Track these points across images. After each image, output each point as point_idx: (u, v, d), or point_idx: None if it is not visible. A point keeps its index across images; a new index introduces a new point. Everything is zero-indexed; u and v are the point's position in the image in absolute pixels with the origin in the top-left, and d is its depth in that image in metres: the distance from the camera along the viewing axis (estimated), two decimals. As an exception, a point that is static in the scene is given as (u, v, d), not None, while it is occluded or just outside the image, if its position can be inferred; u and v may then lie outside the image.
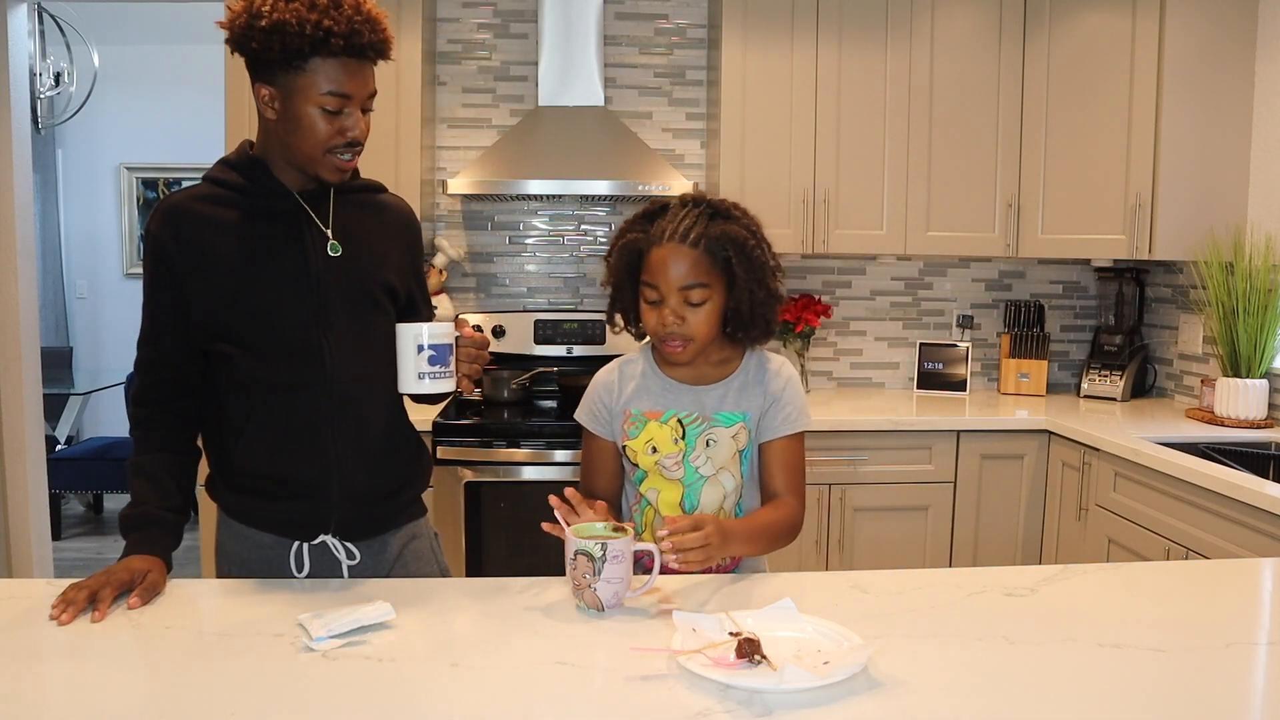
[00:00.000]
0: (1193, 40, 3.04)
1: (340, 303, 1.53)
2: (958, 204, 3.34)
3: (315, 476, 1.54)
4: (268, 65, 1.43)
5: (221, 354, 1.52)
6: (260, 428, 1.53)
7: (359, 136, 1.48)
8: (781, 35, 3.25)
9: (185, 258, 1.49)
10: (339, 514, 1.56)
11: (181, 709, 1.06)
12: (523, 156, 3.22)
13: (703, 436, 1.60)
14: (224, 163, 1.56)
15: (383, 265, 1.59)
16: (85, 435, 5.74)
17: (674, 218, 1.54)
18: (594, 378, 1.73)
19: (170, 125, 5.82)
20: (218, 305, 1.50)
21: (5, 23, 3.35)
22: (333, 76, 1.42)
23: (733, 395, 1.62)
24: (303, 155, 1.47)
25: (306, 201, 1.54)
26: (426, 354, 1.43)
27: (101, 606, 1.31)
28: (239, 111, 3.10)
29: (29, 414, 3.44)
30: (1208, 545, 2.32)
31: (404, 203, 1.70)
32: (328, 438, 1.53)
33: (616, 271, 1.60)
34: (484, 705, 1.08)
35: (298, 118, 1.44)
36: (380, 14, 1.45)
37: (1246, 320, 2.91)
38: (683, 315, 1.53)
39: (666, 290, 1.53)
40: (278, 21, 1.38)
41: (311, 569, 1.57)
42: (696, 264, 1.52)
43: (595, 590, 1.34)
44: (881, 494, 3.06)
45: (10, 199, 3.35)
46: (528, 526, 2.99)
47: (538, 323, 3.47)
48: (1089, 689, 1.13)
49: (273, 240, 1.51)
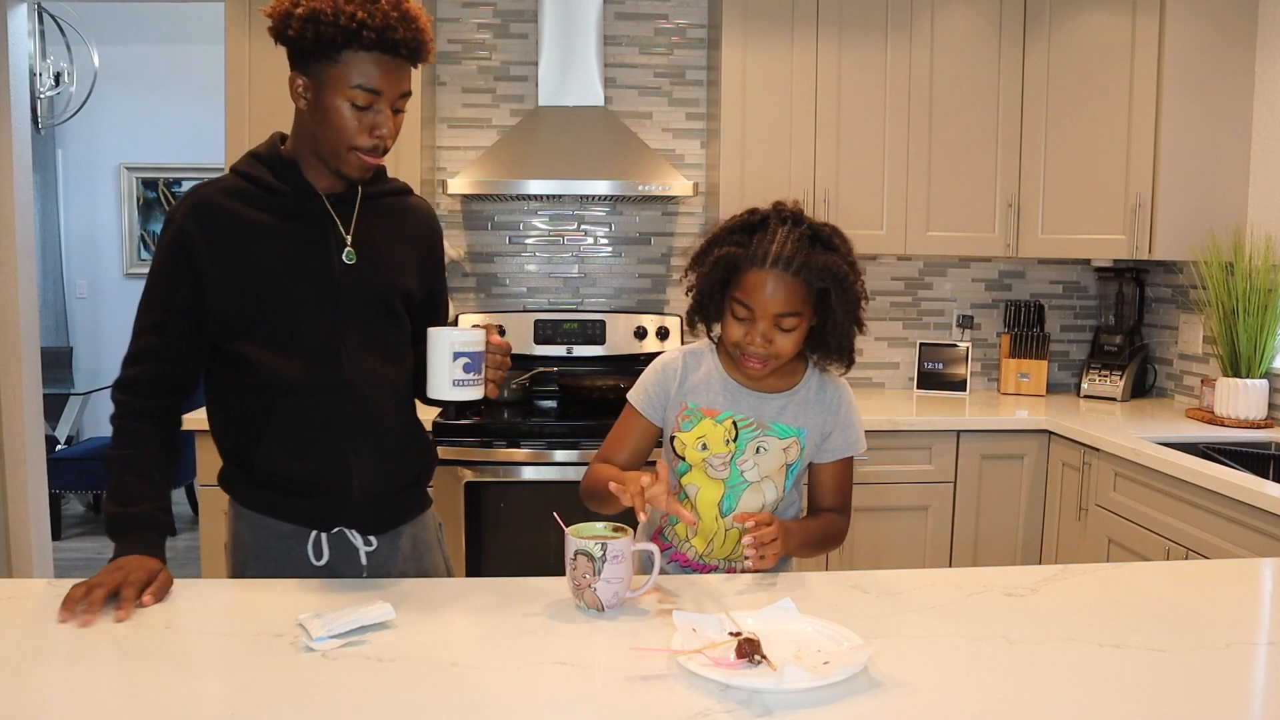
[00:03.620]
0: (1193, 40, 3.04)
1: (356, 309, 1.54)
2: (958, 204, 3.34)
3: (335, 476, 1.56)
4: (303, 54, 1.44)
5: (241, 354, 1.52)
6: (282, 429, 1.54)
7: (387, 135, 1.47)
8: (781, 35, 3.25)
9: (212, 253, 1.49)
10: (357, 511, 1.59)
11: (181, 709, 1.06)
12: (523, 156, 3.22)
13: (755, 443, 1.60)
14: (254, 156, 1.55)
15: (399, 272, 1.60)
16: (85, 435, 5.74)
17: (775, 238, 1.50)
18: (656, 360, 1.70)
19: (170, 125, 5.82)
20: (241, 305, 1.50)
21: (5, 23, 3.35)
22: (364, 70, 1.42)
23: (792, 409, 1.62)
24: (328, 148, 1.48)
25: (334, 204, 1.55)
26: (461, 362, 1.42)
27: (126, 605, 1.30)
28: (239, 111, 3.11)
29: (29, 414, 3.44)
30: (1208, 545, 2.32)
31: (427, 205, 1.72)
32: (346, 440, 1.55)
33: (707, 281, 1.56)
34: (484, 705, 1.08)
35: (327, 109, 1.45)
36: (419, 12, 1.45)
37: (1246, 320, 2.91)
38: (771, 339, 1.52)
39: (760, 314, 1.51)
40: (313, 10, 1.39)
41: (330, 557, 1.58)
42: (794, 293, 1.49)
43: (595, 590, 1.34)
44: (881, 494, 3.06)
45: (10, 199, 3.35)
46: (528, 526, 2.99)
47: (538, 323, 3.47)
48: (1089, 689, 1.13)
49: (299, 245, 1.52)
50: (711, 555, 1.63)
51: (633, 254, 3.64)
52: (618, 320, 3.50)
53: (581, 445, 2.97)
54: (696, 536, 1.63)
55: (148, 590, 1.35)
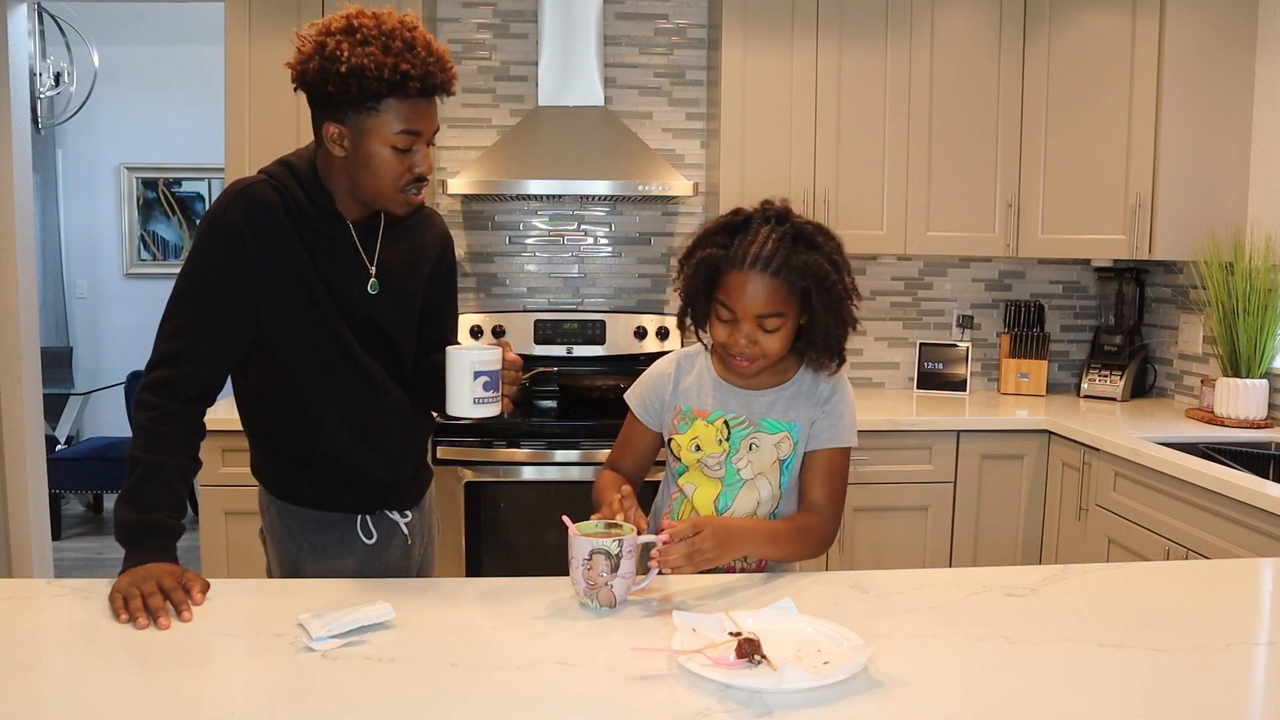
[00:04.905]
0: (1193, 40, 3.04)
1: (383, 328, 1.62)
2: (958, 204, 3.34)
3: (379, 470, 1.66)
4: (339, 105, 1.44)
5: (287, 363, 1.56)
6: (333, 429, 1.60)
7: (425, 172, 1.51)
8: (781, 35, 3.25)
9: (261, 254, 1.49)
10: (397, 492, 1.72)
11: (182, 709, 1.06)
12: (523, 156, 3.22)
13: (748, 440, 1.60)
14: (290, 170, 1.54)
15: (415, 293, 1.68)
16: (85, 435, 5.74)
17: (756, 239, 1.50)
18: (652, 366, 1.73)
19: (170, 125, 5.82)
20: (290, 308, 1.52)
21: (5, 23, 3.35)
22: (405, 116, 1.45)
23: (782, 404, 1.62)
24: (373, 192, 1.50)
25: (360, 232, 1.58)
26: (481, 380, 1.46)
27: (186, 608, 1.32)
28: (239, 111, 3.11)
29: (29, 414, 3.44)
30: (1208, 545, 2.32)
31: (438, 217, 1.77)
32: (386, 436, 1.66)
33: (692, 283, 1.57)
34: (484, 705, 1.08)
35: (369, 155, 1.47)
36: (446, 52, 1.50)
37: (1246, 320, 2.91)
38: (755, 339, 1.53)
39: (742, 315, 1.51)
40: (356, 66, 1.40)
41: (377, 534, 1.69)
42: (774, 293, 1.49)
43: (612, 588, 1.35)
44: (881, 494, 3.06)
45: (10, 199, 3.35)
46: (528, 526, 2.99)
47: (538, 323, 3.47)
48: (1089, 689, 1.13)
49: (329, 267, 1.55)
50: None
51: (633, 254, 3.64)
52: (618, 320, 3.50)
53: (581, 445, 2.97)
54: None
55: (195, 590, 1.37)
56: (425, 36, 1.46)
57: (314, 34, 1.44)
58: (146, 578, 1.34)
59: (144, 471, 1.45)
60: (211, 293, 1.49)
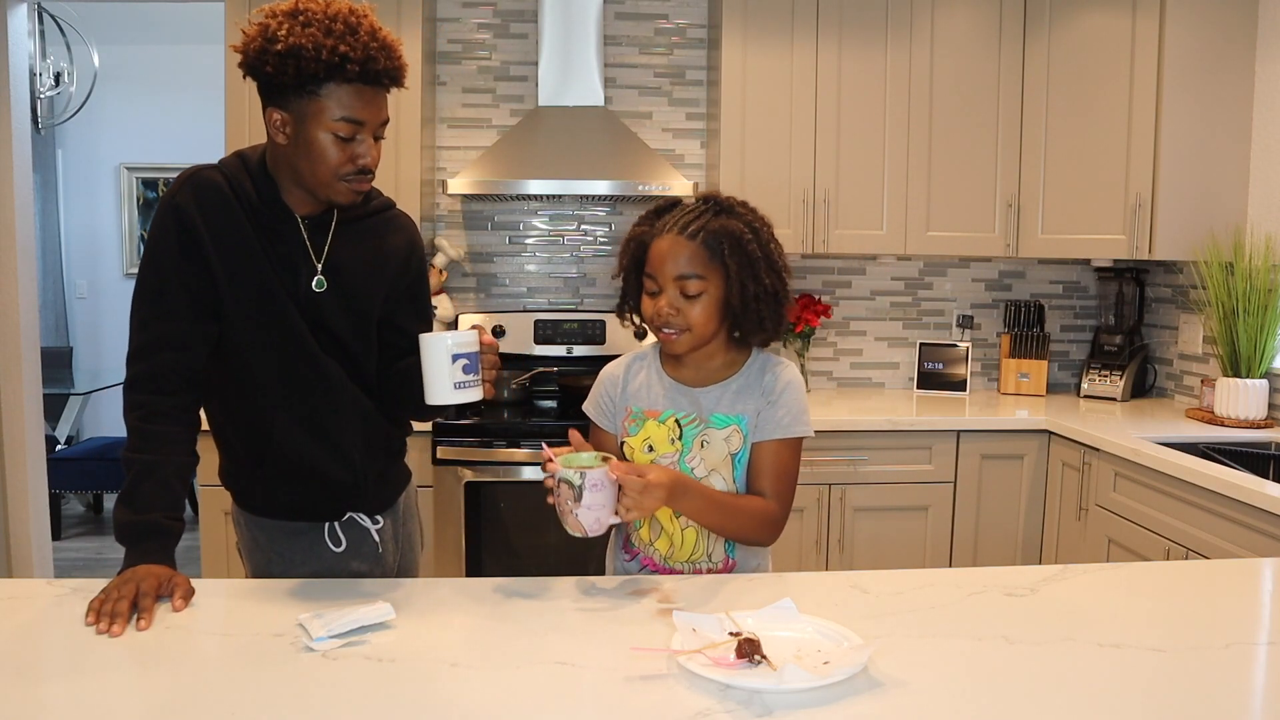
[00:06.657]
0: (1193, 40, 3.04)
1: (332, 328, 1.57)
2: (958, 204, 3.34)
3: (338, 469, 1.61)
4: (280, 90, 1.42)
5: (239, 355, 1.53)
6: (286, 424, 1.56)
7: (370, 164, 1.48)
8: (781, 35, 3.25)
9: (212, 238, 1.48)
10: (362, 496, 1.66)
11: (181, 709, 1.06)
12: (523, 156, 3.22)
13: (699, 437, 1.60)
14: (241, 160, 1.54)
15: (371, 300, 1.61)
16: (85, 435, 5.74)
17: (679, 212, 1.57)
18: (602, 370, 1.76)
19: (170, 125, 5.81)
20: (239, 296, 1.51)
21: (5, 23, 3.35)
22: (346, 102, 1.42)
23: (729, 397, 1.61)
24: (314, 180, 1.48)
25: (309, 228, 1.55)
26: (460, 363, 1.42)
27: (147, 616, 1.29)
28: (239, 111, 3.11)
29: (29, 414, 3.44)
30: (1208, 545, 2.32)
31: (408, 220, 1.70)
32: (342, 436, 1.60)
33: (624, 264, 1.64)
34: (484, 705, 1.08)
35: (309, 143, 1.44)
36: (396, 41, 1.46)
37: (1246, 320, 2.91)
38: (678, 306, 1.55)
39: (664, 281, 1.55)
40: (293, 46, 1.37)
41: (346, 542, 1.65)
42: (693, 256, 1.54)
43: (577, 516, 1.39)
44: (881, 494, 3.06)
45: (10, 199, 3.36)
46: (528, 526, 2.99)
47: (538, 323, 3.47)
48: (1089, 689, 1.13)
49: (275, 260, 1.52)
50: (674, 558, 1.62)
51: (633, 254, 3.63)
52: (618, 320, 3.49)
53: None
54: (660, 539, 1.62)
55: (176, 596, 1.35)
56: (373, 23, 1.43)
57: (260, 17, 1.42)
58: (127, 581, 1.34)
59: (138, 473, 1.44)
60: (171, 277, 1.48)
